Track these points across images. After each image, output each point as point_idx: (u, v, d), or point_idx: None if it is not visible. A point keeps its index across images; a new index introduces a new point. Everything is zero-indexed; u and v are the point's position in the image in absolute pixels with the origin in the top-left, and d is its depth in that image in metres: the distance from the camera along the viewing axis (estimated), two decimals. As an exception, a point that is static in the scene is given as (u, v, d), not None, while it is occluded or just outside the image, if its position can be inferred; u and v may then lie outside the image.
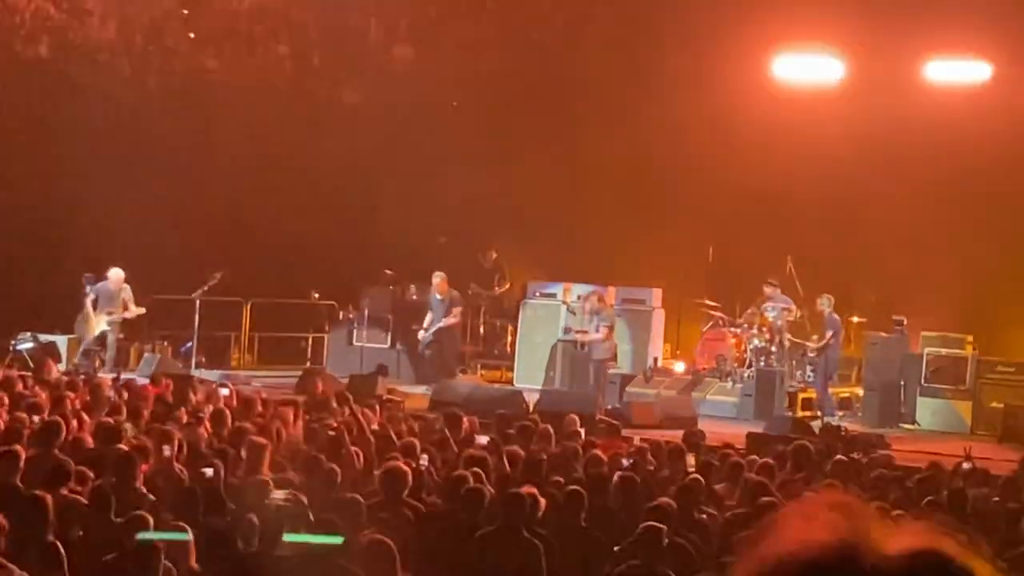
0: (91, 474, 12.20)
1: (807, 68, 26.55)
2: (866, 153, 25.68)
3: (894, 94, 25.52)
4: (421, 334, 25.66)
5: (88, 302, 24.99)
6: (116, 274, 24.58)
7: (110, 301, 24.54)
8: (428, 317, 25.66)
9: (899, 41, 25.19)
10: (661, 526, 10.56)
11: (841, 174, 26.00)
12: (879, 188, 25.71)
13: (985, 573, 1.50)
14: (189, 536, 9.69)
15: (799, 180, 25.72)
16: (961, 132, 24.46)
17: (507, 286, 27.54)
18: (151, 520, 10.23)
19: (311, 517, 11.00)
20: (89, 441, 14.12)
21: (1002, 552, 10.75)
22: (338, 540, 9.52)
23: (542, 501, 11.60)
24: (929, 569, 1.47)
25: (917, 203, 25.30)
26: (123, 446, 13.31)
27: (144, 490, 11.75)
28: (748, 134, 25.92)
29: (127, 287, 24.66)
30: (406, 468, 12.45)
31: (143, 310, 24.82)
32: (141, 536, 9.65)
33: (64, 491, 11.44)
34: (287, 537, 9.78)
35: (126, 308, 24.64)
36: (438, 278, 25.57)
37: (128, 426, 15.11)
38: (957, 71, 25.78)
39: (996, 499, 13.99)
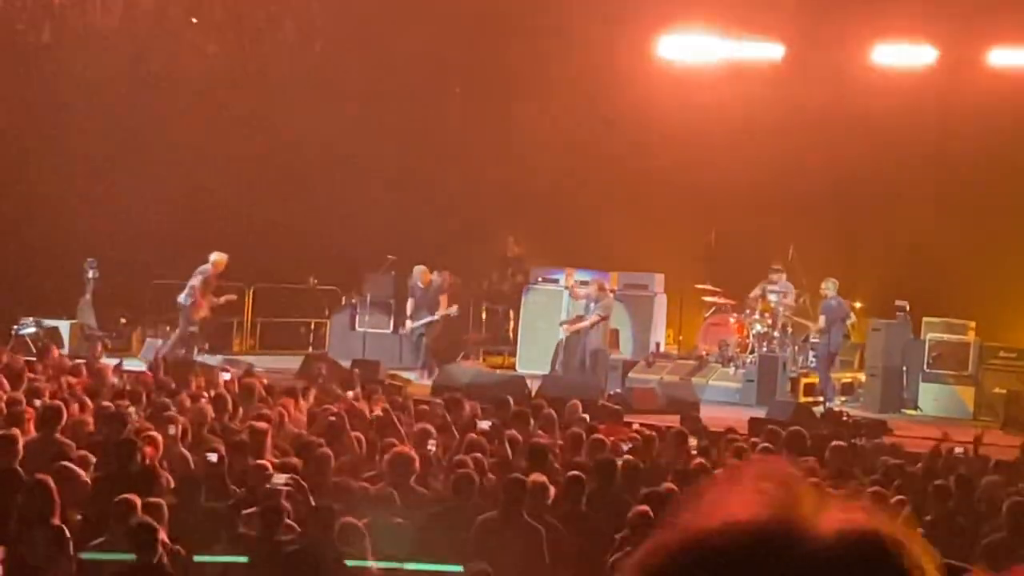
0: (92, 459, 12.23)
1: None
2: (869, 140, 25.66)
3: (899, 80, 25.52)
4: (408, 323, 25.59)
5: (89, 287, 25.01)
6: None
7: None
8: (410, 304, 25.57)
9: (912, 25, 25.27)
10: (648, 510, 10.55)
11: (843, 160, 25.99)
12: (882, 175, 25.70)
13: (921, 554, 1.46)
14: None
15: (802, 166, 25.73)
16: (963, 118, 24.46)
17: (520, 279, 27.48)
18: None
19: (311, 502, 11.02)
20: (91, 425, 14.12)
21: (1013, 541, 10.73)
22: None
23: (551, 488, 11.61)
24: (863, 550, 1.41)
25: (920, 190, 25.30)
26: (128, 431, 13.31)
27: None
28: (751, 120, 25.91)
29: None
30: (413, 454, 12.46)
31: None
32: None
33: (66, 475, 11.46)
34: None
35: None
36: (419, 271, 25.45)
37: (133, 410, 15.11)
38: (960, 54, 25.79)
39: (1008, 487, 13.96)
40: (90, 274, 25.81)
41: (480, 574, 9.33)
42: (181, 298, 24.24)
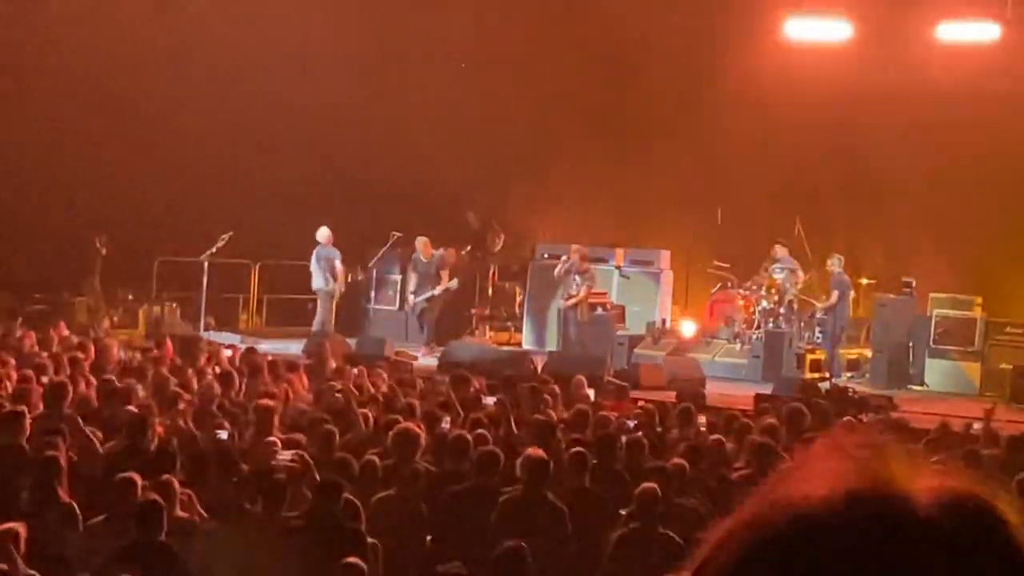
0: (99, 434, 12.27)
1: (818, 29, 26.44)
2: (876, 116, 25.62)
3: (903, 53, 25.45)
4: (410, 298, 25.60)
5: (98, 264, 25.05)
6: None
7: None
8: (413, 280, 25.57)
9: (909, 2, 25.18)
10: (655, 487, 10.56)
11: (850, 136, 25.97)
12: (888, 150, 25.65)
13: (1020, 514, 1.41)
14: None
15: (809, 142, 25.71)
16: (971, 92, 24.41)
17: (502, 238, 27.48)
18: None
19: (317, 477, 11.04)
20: (96, 401, 14.15)
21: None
22: None
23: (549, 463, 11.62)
24: (967, 517, 1.35)
25: (926, 165, 25.27)
26: (133, 407, 13.35)
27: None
28: (758, 96, 25.87)
29: None
30: (417, 430, 12.46)
31: None
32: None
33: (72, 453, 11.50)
34: None
35: None
36: (421, 242, 25.45)
37: (139, 387, 15.16)
38: (967, 31, 25.69)
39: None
40: (99, 250, 25.87)
41: (515, 551, 9.32)
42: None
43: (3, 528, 8.72)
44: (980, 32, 25.35)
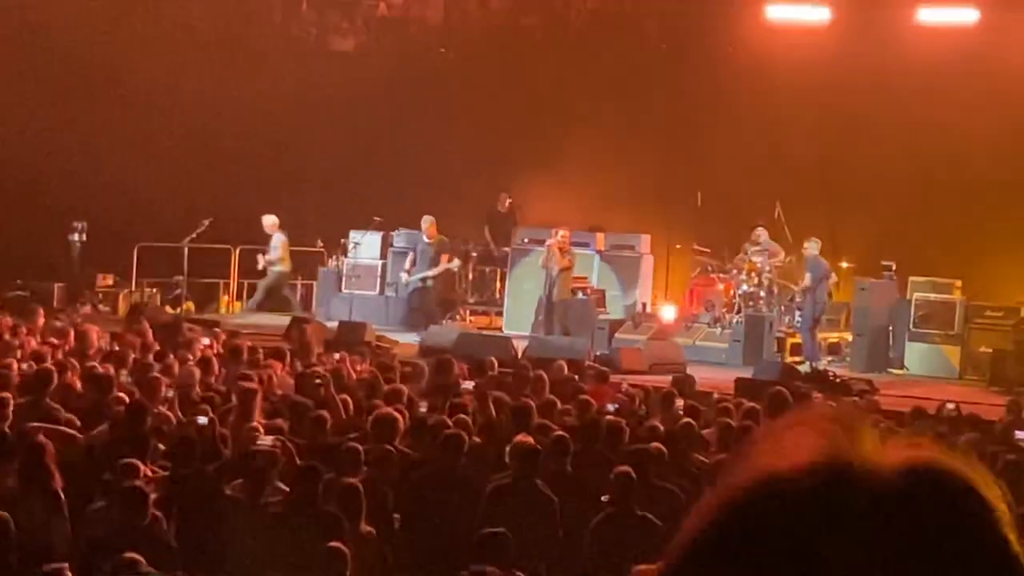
0: (77, 422, 12.25)
1: (798, 12, 26.48)
2: (855, 98, 25.68)
3: (883, 37, 25.50)
4: (404, 276, 25.56)
5: (76, 250, 24.99)
6: None
7: None
8: (409, 257, 25.54)
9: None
10: (630, 470, 10.59)
11: (830, 119, 26.01)
12: (868, 133, 25.71)
13: (988, 485, 1.42)
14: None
15: (789, 125, 25.74)
16: (950, 75, 24.47)
17: (518, 229, 27.47)
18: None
19: (298, 463, 11.05)
20: (79, 387, 14.12)
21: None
22: None
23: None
24: (928, 485, 1.36)
25: (906, 149, 25.31)
26: (121, 394, 13.33)
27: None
28: (738, 80, 25.91)
29: None
30: (397, 415, 12.47)
31: None
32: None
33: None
34: None
35: None
36: (427, 222, 25.45)
37: (124, 373, 15.13)
38: (946, 15, 25.76)
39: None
40: (78, 236, 25.82)
41: (496, 538, 9.35)
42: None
43: None
44: (959, 16, 25.44)
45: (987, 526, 1.37)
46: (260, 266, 25.57)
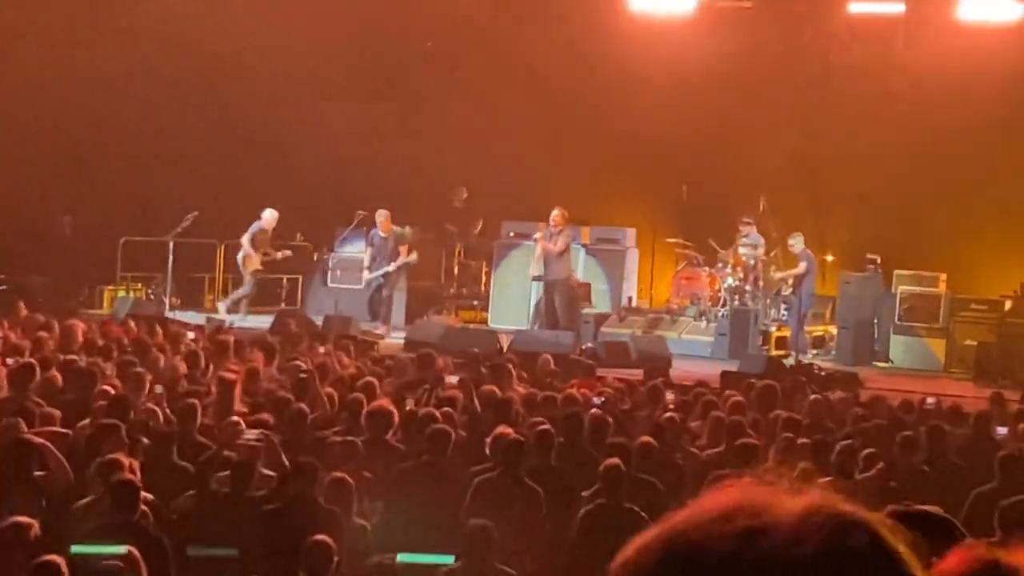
0: (58, 415, 12.21)
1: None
2: (838, 93, 25.71)
3: (867, 29, 25.56)
4: (365, 274, 25.40)
5: (63, 244, 24.95)
6: None
7: None
8: (368, 253, 25.36)
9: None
10: (619, 463, 10.57)
11: (813, 113, 26.02)
12: (851, 127, 25.73)
13: (881, 524, 1.48)
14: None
15: (771, 119, 25.75)
16: (932, 66, 24.53)
17: (480, 225, 27.47)
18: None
19: (283, 458, 11.01)
20: (60, 381, 14.06)
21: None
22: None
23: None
24: (832, 535, 1.44)
25: (890, 142, 25.33)
26: (106, 387, 13.30)
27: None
28: (721, 75, 25.91)
29: None
30: (391, 408, 12.45)
31: None
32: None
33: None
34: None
35: None
36: (382, 216, 25.18)
37: (109, 366, 15.09)
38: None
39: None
40: (65, 231, 25.76)
41: (481, 530, 9.31)
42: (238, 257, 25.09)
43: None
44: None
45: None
46: (279, 256, 25.32)
